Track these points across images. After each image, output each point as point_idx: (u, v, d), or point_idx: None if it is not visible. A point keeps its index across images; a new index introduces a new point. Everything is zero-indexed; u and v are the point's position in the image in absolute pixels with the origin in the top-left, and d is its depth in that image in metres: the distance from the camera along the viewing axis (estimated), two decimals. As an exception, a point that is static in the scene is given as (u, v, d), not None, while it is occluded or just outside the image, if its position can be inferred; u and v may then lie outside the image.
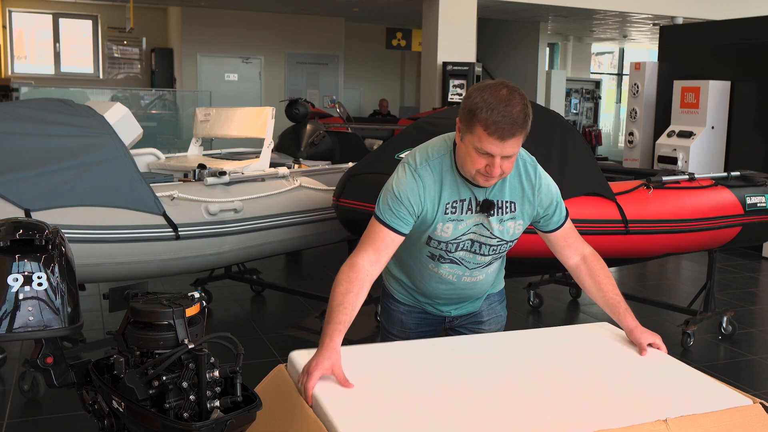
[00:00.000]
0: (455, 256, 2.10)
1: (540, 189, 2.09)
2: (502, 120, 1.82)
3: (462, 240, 2.07)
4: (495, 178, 1.94)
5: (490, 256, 2.14)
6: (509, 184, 2.06)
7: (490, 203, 2.03)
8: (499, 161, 1.89)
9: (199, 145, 5.63)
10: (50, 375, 1.51)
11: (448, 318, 2.34)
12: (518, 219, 2.09)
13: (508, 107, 1.82)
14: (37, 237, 1.41)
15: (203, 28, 12.97)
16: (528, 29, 13.52)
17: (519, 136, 1.87)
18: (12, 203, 3.28)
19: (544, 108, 4.22)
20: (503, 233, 2.08)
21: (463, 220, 2.04)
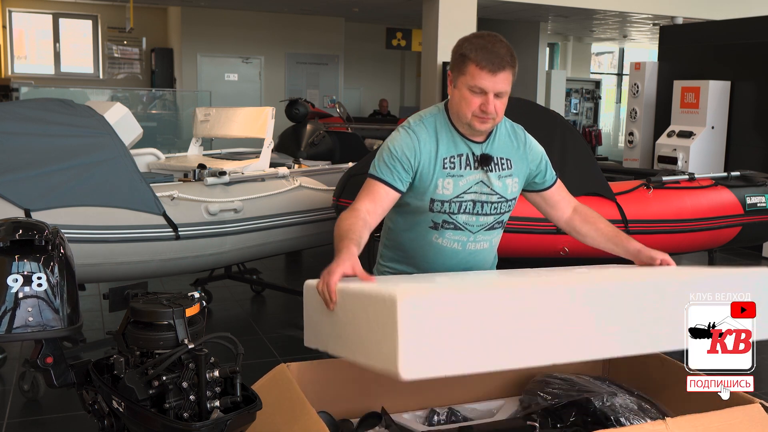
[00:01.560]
0: (458, 219, 2.07)
1: (528, 144, 2.19)
2: (492, 55, 1.97)
3: (464, 200, 2.06)
4: (489, 119, 2.01)
5: (492, 216, 2.12)
6: (501, 141, 2.14)
7: (488, 157, 2.09)
8: (492, 99, 1.98)
9: (199, 145, 5.63)
10: (50, 375, 1.51)
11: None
12: (515, 176, 2.14)
13: (495, 46, 1.99)
14: (37, 237, 1.41)
15: (203, 28, 12.97)
16: (528, 29, 13.51)
17: (508, 71, 2.00)
18: (12, 203, 3.28)
19: (544, 108, 4.22)
20: (503, 190, 2.12)
21: (463, 176, 2.06)
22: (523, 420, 1.87)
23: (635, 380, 2.02)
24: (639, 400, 1.84)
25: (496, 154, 2.11)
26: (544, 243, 3.64)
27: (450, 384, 2.00)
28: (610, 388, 1.88)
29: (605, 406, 1.78)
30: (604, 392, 1.84)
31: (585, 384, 1.90)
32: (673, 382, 1.86)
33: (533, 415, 1.86)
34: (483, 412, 1.98)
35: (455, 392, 2.01)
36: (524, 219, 3.56)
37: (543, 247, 3.66)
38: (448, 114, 2.10)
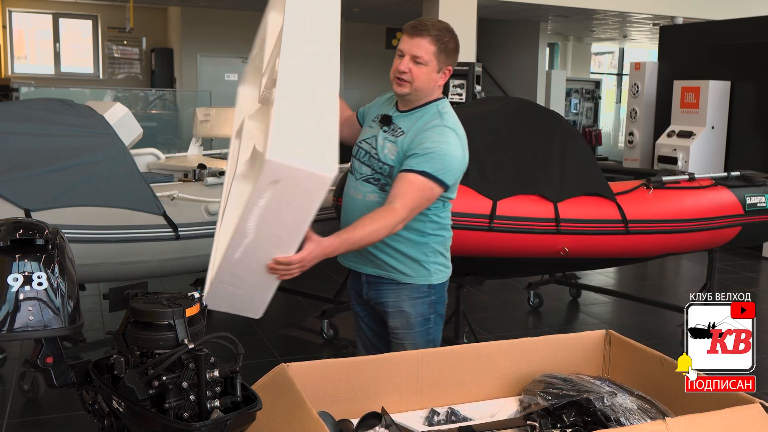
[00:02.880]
0: (354, 164, 2.37)
1: (428, 130, 2.21)
2: (416, 22, 2.21)
3: (361, 146, 2.35)
4: (405, 82, 2.21)
5: (368, 167, 2.30)
6: (415, 121, 2.26)
7: (388, 117, 2.32)
8: (408, 61, 2.19)
9: (199, 145, 5.63)
10: (50, 375, 1.51)
11: (364, 287, 2.37)
12: (397, 144, 2.25)
13: (426, 19, 2.23)
14: (37, 237, 1.41)
15: (203, 28, 12.96)
16: (528, 29, 13.51)
17: (426, 38, 2.18)
18: (12, 203, 3.28)
19: (544, 108, 4.22)
20: (381, 149, 2.28)
21: (372, 128, 2.36)
22: (523, 420, 1.87)
23: (635, 380, 2.02)
24: (639, 400, 1.84)
25: (400, 123, 2.29)
26: (544, 243, 3.64)
27: (450, 384, 2.00)
28: (610, 388, 1.88)
29: (605, 406, 1.78)
30: (604, 392, 1.84)
31: (585, 384, 1.90)
32: (673, 382, 1.86)
33: (533, 415, 1.86)
34: (483, 412, 1.98)
35: (455, 392, 2.01)
36: (524, 219, 3.56)
37: (543, 247, 3.66)
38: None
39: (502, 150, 3.67)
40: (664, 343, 4.27)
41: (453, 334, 3.99)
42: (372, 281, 2.35)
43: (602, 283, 6.01)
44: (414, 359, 1.97)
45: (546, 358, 2.10)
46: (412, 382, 1.96)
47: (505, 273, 4.54)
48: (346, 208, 2.38)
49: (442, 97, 2.33)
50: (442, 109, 2.28)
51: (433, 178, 2.15)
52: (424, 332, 2.35)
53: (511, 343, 2.10)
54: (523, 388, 2.04)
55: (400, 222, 2.14)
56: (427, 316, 2.34)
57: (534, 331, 4.84)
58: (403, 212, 2.13)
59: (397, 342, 2.35)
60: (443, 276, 2.37)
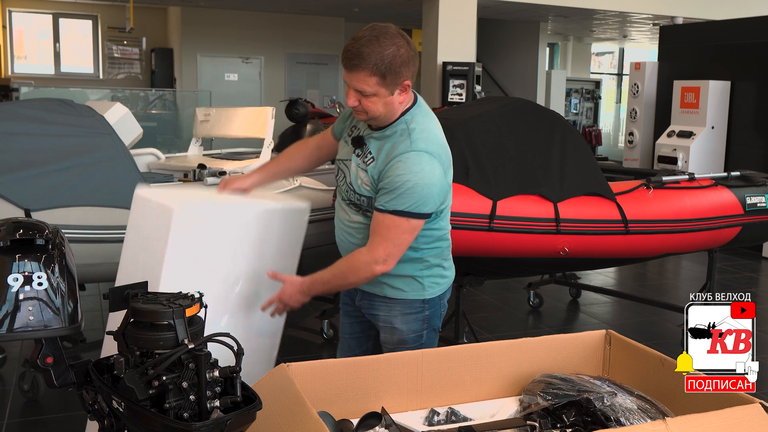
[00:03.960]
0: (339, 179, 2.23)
1: (394, 161, 2.03)
2: (350, 54, 1.97)
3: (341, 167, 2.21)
4: (361, 112, 2.05)
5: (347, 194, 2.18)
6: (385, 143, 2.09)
7: (359, 140, 2.14)
8: (354, 93, 2.01)
9: (199, 145, 5.62)
10: (50, 375, 1.51)
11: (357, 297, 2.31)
12: (368, 174, 2.09)
13: (357, 43, 1.96)
14: (37, 237, 1.41)
15: (203, 28, 12.97)
16: (528, 29, 13.51)
17: (364, 72, 1.96)
18: (12, 203, 3.28)
19: (544, 108, 4.22)
20: (353, 178, 2.13)
21: (347, 146, 2.20)
22: (523, 420, 1.87)
23: (635, 380, 2.02)
24: (639, 400, 1.84)
25: (371, 145, 2.12)
26: (544, 243, 3.63)
27: (450, 384, 2.00)
28: (610, 388, 1.88)
29: (605, 406, 1.78)
30: (604, 392, 1.84)
31: (585, 384, 1.90)
32: (673, 382, 1.86)
33: (533, 415, 1.86)
34: (483, 412, 1.98)
35: (455, 392, 2.01)
36: (524, 219, 3.56)
37: (543, 247, 3.65)
38: None
39: (502, 150, 3.67)
40: (664, 343, 4.27)
41: (453, 334, 3.99)
42: (364, 293, 2.27)
43: (602, 283, 6.01)
44: (414, 359, 1.97)
45: (546, 358, 2.10)
46: (412, 382, 1.96)
47: (505, 273, 4.54)
48: (336, 221, 2.30)
49: (413, 103, 2.12)
50: (411, 124, 2.07)
51: (408, 215, 2.02)
52: (415, 348, 2.24)
53: (511, 343, 2.10)
54: (523, 388, 2.04)
55: (383, 261, 2.06)
56: (420, 333, 2.24)
57: (534, 331, 4.84)
58: (381, 252, 2.05)
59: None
60: (440, 289, 2.24)
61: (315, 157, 2.41)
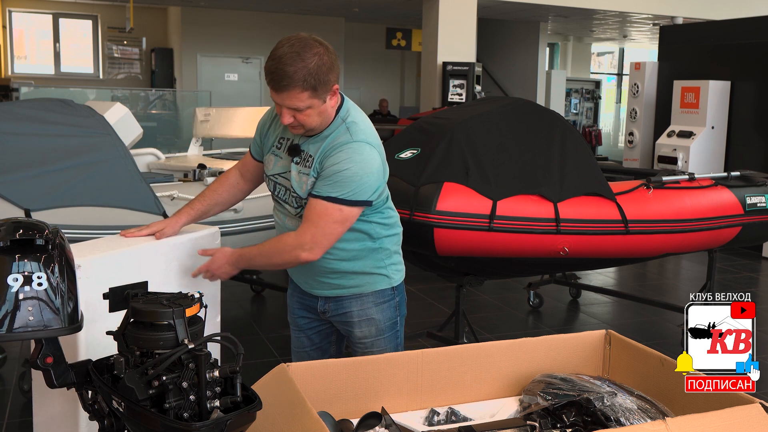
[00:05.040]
0: (278, 196, 2.20)
1: (335, 153, 2.05)
2: (275, 75, 1.95)
3: (277, 181, 2.18)
4: (298, 127, 2.05)
5: (295, 208, 2.15)
6: (323, 142, 2.08)
7: (295, 147, 2.12)
8: (287, 112, 2.00)
9: (199, 145, 5.63)
10: (50, 375, 1.51)
11: (320, 305, 2.28)
12: (311, 176, 2.09)
13: (280, 62, 1.94)
14: (37, 237, 1.41)
15: (203, 28, 12.97)
16: (528, 29, 13.51)
17: (294, 90, 1.95)
18: (12, 203, 3.28)
19: (544, 108, 4.22)
20: (298, 187, 2.11)
21: (281, 159, 2.16)
22: (523, 420, 1.87)
23: (635, 380, 2.02)
24: (639, 400, 1.84)
25: (309, 150, 2.10)
26: (543, 243, 3.64)
27: (450, 384, 2.00)
28: (610, 388, 1.88)
29: (605, 406, 1.78)
30: (604, 392, 1.84)
31: (585, 384, 1.90)
32: (673, 382, 1.86)
33: (533, 415, 1.86)
34: (483, 412, 1.98)
35: (455, 392, 2.01)
36: (524, 219, 3.56)
37: (543, 247, 3.65)
38: None
39: (502, 150, 3.67)
40: (664, 343, 4.27)
41: (453, 334, 3.99)
42: (329, 298, 2.26)
43: (602, 283, 6.01)
44: (414, 359, 1.97)
45: (546, 358, 2.10)
46: (412, 382, 1.96)
47: (505, 273, 4.54)
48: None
49: (342, 101, 2.13)
50: (348, 119, 2.09)
51: (342, 203, 2.03)
52: (392, 336, 2.28)
53: (511, 343, 2.10)
54: (523, 388, 2.04)
55: (309, 248, 2.06)
56: (394, 320, 2.28)
57: (534, 331, 4.85)
58: (308, 238, 2.05)
59: (363, 351, 2.25)
60: (401, 275, 2.30)
61: (240, 187, 2.37)
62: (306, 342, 2.38)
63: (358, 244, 2.18)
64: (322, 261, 2.15)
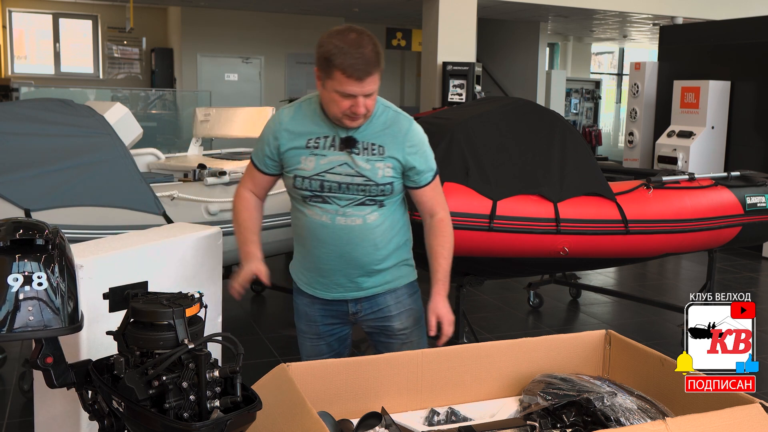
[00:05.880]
0: (325, 195, 2.16)
1: (409, 134, 2.18)
2: (358, 62, 2.00)
3: (326, 179, 2.14)
4: (360, 117, 2.08)
5: (361, 195, 2.16)
6: (375, 127, 2.16)
7: (351, 139, 2.14)
8: (362, 100, 2.05)
9: (199, 145, 5.63)
10: (50, 375, 1.51)
11: (351, 308, 2.28)
12: (387, 161, 2.16)
13: (360, 49, 2.01)
14: (37, 237, 1.41)
15: (203, 28, 12.96)
16: (528, 29, 13.51)
17: (375, 74, 2.05)
18: (12, 203, 3.28)
19: (544, 108, 4.22)
20: (372, 173, 2.14)
21: (326, 156, 2.14)
22: (523, 420, 1.87)
23: (635, 380, 2.02)
24: (639, 400, 1.84)
25: (366, 139, 2.15)
26: (544, 243, 3.64)
27: (450, 384, 2.00)
28: (610, 388, 1.88)
29: (605, 406, 1.78)
30: (604, 392, 1.84)
31: (585, 384, 1.90)
32: (673, 382, 1.86)
33: (533, 415, 1.86)
34: (483, 412, 1.98)
35: (455, 392, 2.01)
36: (524, 219, 3.56)
37: (543, 247, 3.65)
38: (320, 101, 2.17)
39: (502, 150, 3.67)
40: (664, 343, 4.27)
41: (453, 334, 3.99)
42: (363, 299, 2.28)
43: (602, 283, 6.01)
44: (414, 359, 1.97)
45: (546, 358, 2.10)
46: (412, 382, 1.96)
47: (505, 273, 4.54)
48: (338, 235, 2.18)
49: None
50: (382, 101, 2.23)
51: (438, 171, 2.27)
52: (423, 327, 2.35)
53: (511, 343, 2.10)
54: (523, 388, 2.04)
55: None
56: (422, 309, 2.36)
57: (534, 331, 4.85)
58: (449, 215, 2.29)
59: (403, 342, 2.31)
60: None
61: (260, 205, 2.37)
62: (325, 349, 2.38)
63: (399, 237, 2.27)
64: (368, 256, 2.20)
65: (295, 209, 2.26)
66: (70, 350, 1.84)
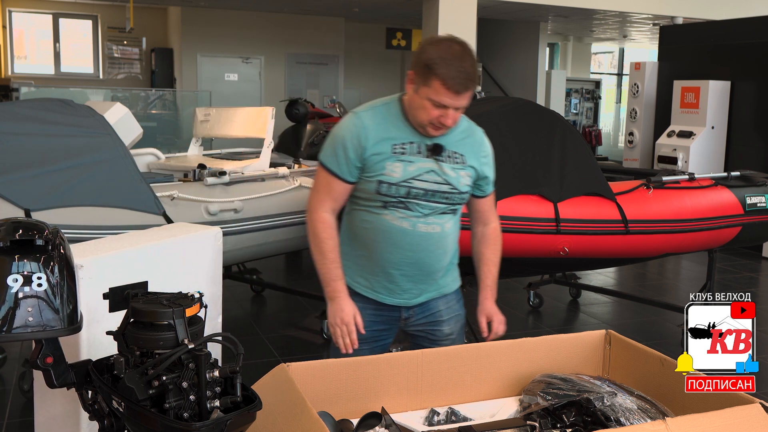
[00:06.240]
0: (408, 202, 2.12)
1: (483, 145, 2.24)
2: (459, 75, 1.97)
3: (413, 186, 2.10)
4: (445, 128, 2.08)
5: (444, 204, 2.16)
6: (455, 136, 2.17)
7: (439, 146, 2.13)
8: (452, 113, 2.04)
9: (199, 145, 5.62)
10: (50, 375, 1.51)
11: (404, 313, 2.27)
12: (467, 170, 2.18)
13: (463, 63, 1.99)
14: (37, 237, 1.41)
15: (203, 28, 12.96)
16: (528, 29, 13.51)
17: (472, 89, 2.03)
18: (12, 203, 3.28)
19: (544, 108, 4.22)
20: (456, 181, 2.15)
21: (413, 162, 2.10)
22: (523, 420, 1.87)
23: (635, 380, 2.02)
24: (639, 400, 1.84)
25: (449, 147, 2.16)
26: (544, 243, 3.64)
27: (450, 384, 2.01)
28: (610, 388, 1.88)
29: (605, 406, 1.78)
30: (604, 392, 1.84)
31: (585, 384, 1.90)
32: (673, 382, 1.86)
33: (533, 415, 1.86)
34: (483, 412, 1.98)
35: (455, 392, 2.01)
36: (524, 219, 3.56)
37: (543, 247, 3.66)
38: (402, 105, 2.15)
39: (502, 150, 3.65)
40: (664, 343, 4.27)
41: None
42: (412, 306, 2.28)
43: (602, 283, 6.01)
44: (414, 359, 1.97)
45: (546, 358, 2.10)
46: (412, 382, 1.96)
47: (505, 273, 4.53)
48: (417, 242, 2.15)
49: None
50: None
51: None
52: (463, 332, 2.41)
53: (511, 343, 2.10)
54: (523, 388, 2.04)
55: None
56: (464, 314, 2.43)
57: (534, 331, 4.85)
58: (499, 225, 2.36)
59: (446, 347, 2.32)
60: None
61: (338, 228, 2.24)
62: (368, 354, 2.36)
63: (456, 244, 2.30)
64: (438, 263, 2.23)
65: (367, 212, 2.17)
66: (70, 350, 1.84)
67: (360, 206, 2.19)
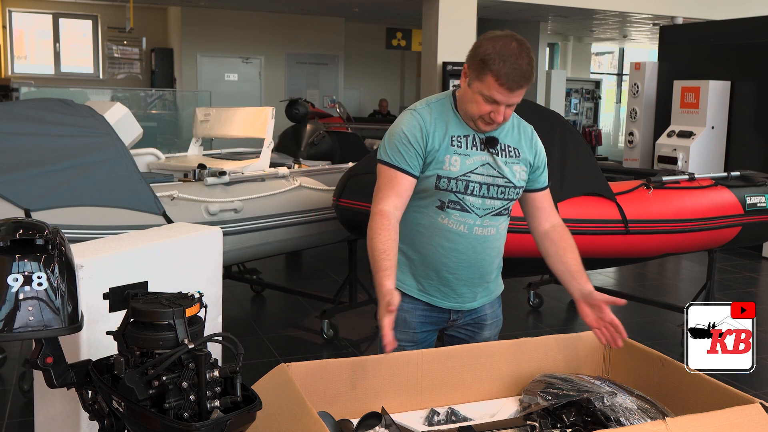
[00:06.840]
0: (465, 200, 2.09)
1: (534, 139, 2.24)
2: (514, 72, 1.95)
3: (471, 180, 2.09)
4: (496, 124, 2.07)
5: (500, 201, 2.14)
6: (507, 131, 2.17)
7: (494, 139, 2.13)
8: (503, 109, 2.03)
9: (199, 145, 5.63)
10: (50, 375, 1.51)
11: (453, 315, 2.26)
12: (522, 164, 2.17)
13: (519, 60, 1.96)
14: (37, 237, 1.41)
15: (203, 28, 12.97)
16: (528, 29, 13.50)
17: (525, 87, 2.01)
18: (12, 203, 3.28)
19: (544, 108, 4.22)
20: (512, 175, 2.14)
21: (470, 156, 2.10)
22: (523, 420, 1.87)
23: (635, 380, 2.02)
24: (639, 400, 1.84)
25: (503, 140, 2.16)
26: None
27: (450, 384, 2.00)
28: (610, 388, 1.88)
29: (605, 406, 1.78)
30: (604, 392, 1.84)
31: (585, 384, 1.90)
32: (673, 382, 1.86)
33: (533, 415, 1.86)
34: (483, 412, 1.98)
35: (455, 392, 2.01)
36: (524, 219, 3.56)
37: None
38: (455, 100, 2.15)
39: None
40: (664, 343, 4.27)
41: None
42: (463, 311, 2.28)
43: (602, 283, 6.01)
44: (414, 359, 1.97)
45: (546, 358, 2.10)
46: (412, 382, 1.96)
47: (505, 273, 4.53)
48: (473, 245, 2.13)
49: None
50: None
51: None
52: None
53: (511, 343, 2.10)
54: (523, 388, 2.04)
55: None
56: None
57: (534, 331, 4.85)
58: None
59: None
60: None
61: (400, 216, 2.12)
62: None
63: (503, 246, 2.29)
64: (491, 265, 2.23)
65: (422, 215, 2.14)
66: (70, 350, 1.84)
67: (415, 210, 2.15)
